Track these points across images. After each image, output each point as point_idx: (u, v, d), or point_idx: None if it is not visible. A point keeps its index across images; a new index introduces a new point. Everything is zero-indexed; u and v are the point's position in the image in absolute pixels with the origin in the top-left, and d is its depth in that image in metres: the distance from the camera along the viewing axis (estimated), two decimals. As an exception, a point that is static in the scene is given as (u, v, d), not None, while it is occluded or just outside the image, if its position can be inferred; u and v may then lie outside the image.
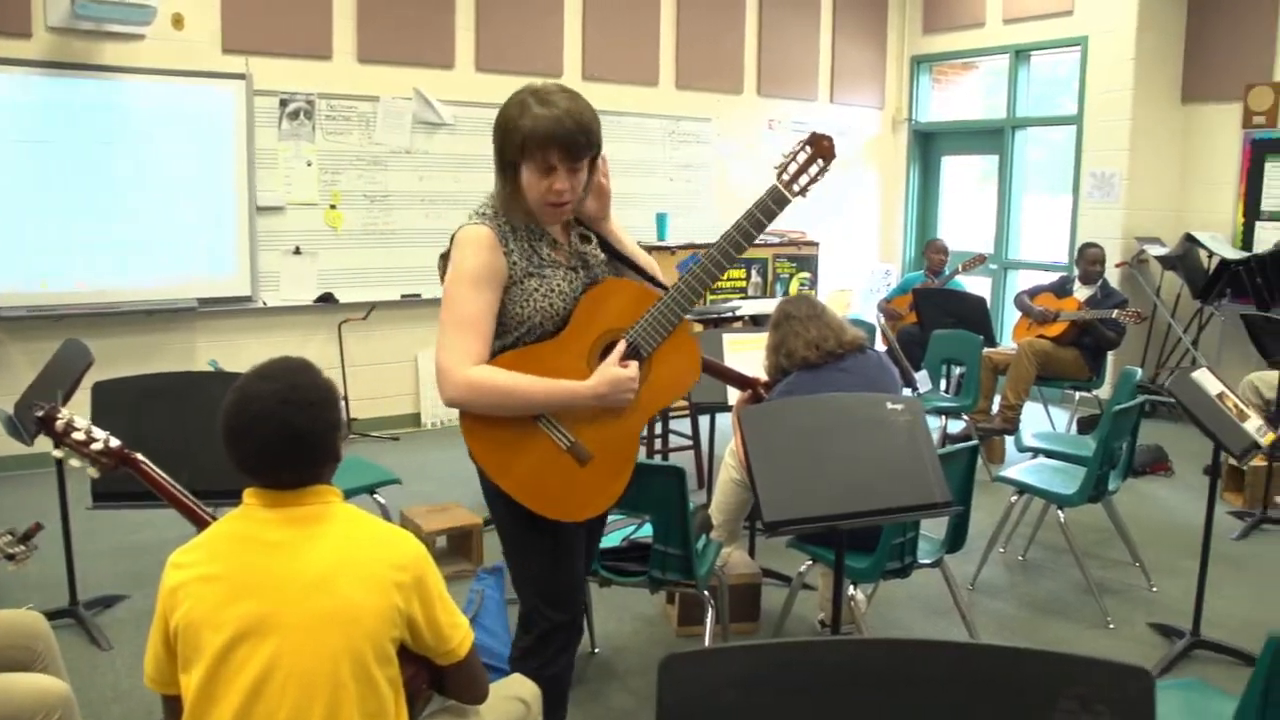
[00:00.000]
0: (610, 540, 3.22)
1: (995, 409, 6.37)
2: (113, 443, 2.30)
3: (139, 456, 2.28)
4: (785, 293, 7.35)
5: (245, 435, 1.72)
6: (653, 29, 7.70)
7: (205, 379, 3.53)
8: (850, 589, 3.31)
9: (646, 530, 3.20)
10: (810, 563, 3.40)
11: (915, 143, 9.23)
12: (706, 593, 3.24)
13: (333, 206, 6.54)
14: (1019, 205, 8.62)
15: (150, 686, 1.78)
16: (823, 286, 7.86)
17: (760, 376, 3.29)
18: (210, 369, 4.65)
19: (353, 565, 1.70)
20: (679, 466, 3.04)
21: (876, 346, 4.40)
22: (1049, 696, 1.19)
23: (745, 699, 1.23)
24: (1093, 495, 4.01)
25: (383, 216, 6.71)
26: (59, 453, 2.32)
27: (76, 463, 2.30)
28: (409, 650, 1.78)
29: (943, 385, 6.26)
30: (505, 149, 2.22)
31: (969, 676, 1.23)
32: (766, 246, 7.39)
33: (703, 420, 5.44)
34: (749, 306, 6.59)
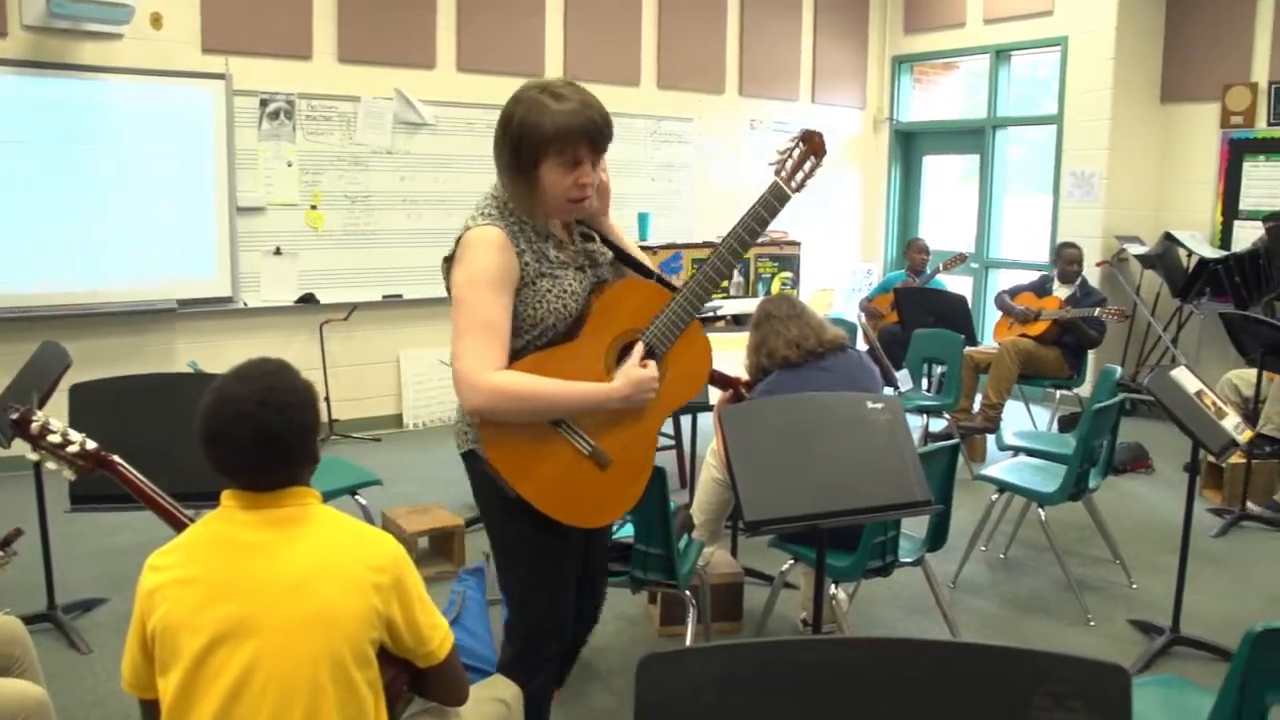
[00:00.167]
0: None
1: (977, 408, 6.39)
2: (89, 445, 2.27)
3: (116, 459, 2.26)
4: (767, 292, 7.34)
5: (222, 437, 1.71)
6: (634, 29, 7.70)
7: (185, 381, 3.51)
8: (832, 588, 3.31)
9: (628, 530, 3.20)
10: (792, 562, 3.41)
11: (896, 142, 9.26)
12: (688, 592, 3.24)
13: (314, 207, 6.51)
14: (1000, 204, 8.66)
15: (128, 691, 1.76)
16: (804, 286, 7.86)
17: (741, 376, 3.29)
18: (190, 370, 4.62)
19: (331, 567, 1.69)
20: (660, 466, 3.02)
21: (858, 345, 4.41)
22: (1027, 694, 1.19)
23: (724, 699, 1.23)
24: (1073, 493, 4.03)
25: (364, 217, 6.68)
26: (35, 455, 2.30)
27: (53, 465, 2.27)
28: (389, 652, 1.77)
29: (924, 384, 6.29)
30: (524, 151, 2.13)
31: (948, 675, 1.23)
32: (748, 246, 7.37)
33: (684, 420, 5.42)
34: (730, 306, 6.58)
